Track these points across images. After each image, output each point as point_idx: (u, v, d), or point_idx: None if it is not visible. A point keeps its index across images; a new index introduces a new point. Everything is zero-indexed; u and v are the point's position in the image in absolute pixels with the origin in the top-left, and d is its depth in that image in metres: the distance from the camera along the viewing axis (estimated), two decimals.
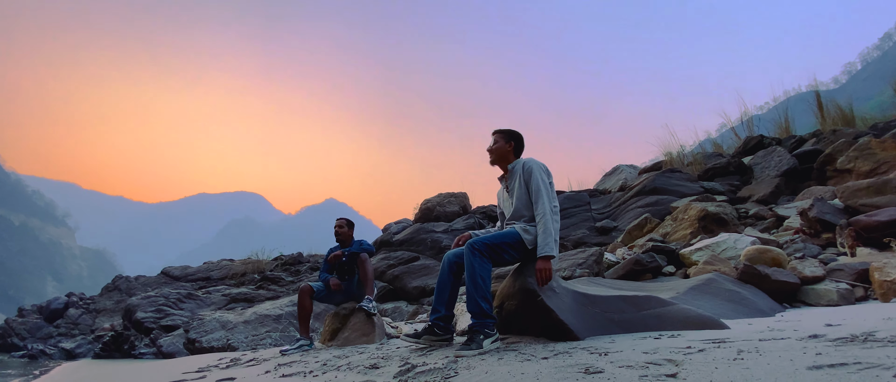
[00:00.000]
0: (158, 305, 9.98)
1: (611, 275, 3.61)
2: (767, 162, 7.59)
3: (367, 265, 3.90)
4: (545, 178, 2.54)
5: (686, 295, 2.58)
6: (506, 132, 2.70)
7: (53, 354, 10.73)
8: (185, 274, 14.55)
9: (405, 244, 8.60)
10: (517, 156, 2.70)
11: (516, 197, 2.57)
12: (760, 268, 2.75)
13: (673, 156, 9.83)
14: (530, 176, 2.53)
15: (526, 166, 2.57)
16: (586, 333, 2.29)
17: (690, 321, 2.14)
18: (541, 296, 2.34)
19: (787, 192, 6.51)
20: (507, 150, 2.66)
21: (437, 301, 2.55)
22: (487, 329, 2.24)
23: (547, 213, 2.45)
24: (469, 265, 2.35)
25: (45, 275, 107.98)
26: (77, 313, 14.83)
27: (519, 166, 2.62)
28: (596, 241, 7.62)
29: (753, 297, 2.58)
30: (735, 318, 2.38)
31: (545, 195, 2.48)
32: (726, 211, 5.24)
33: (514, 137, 2.69)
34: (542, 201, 2.47)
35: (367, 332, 3.63)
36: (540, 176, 2.53)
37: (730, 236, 3.70)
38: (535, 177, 2.52)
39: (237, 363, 3.64)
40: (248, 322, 7.60)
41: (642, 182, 8.20)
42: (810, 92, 10.29)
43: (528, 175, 2.54)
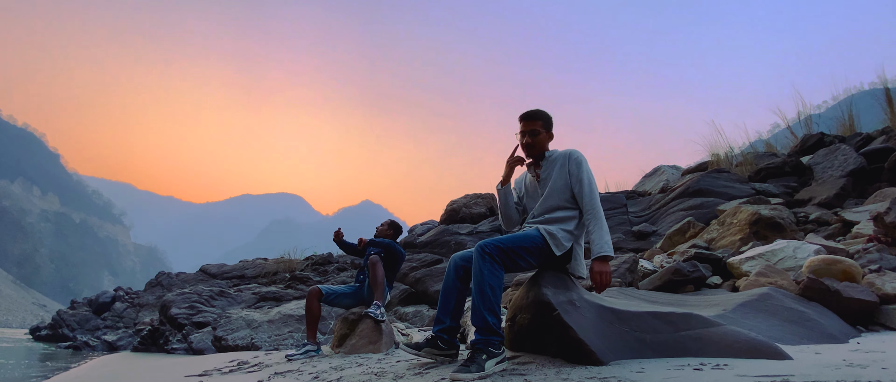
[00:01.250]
0: (192, 302, 10.21)
1: (646, 286, 3.20)
2: (830, 161, 6.81)
3: (376, 268, 3.67)
4: (590, 173, 2.19)
5: (735, 313, 2.16)
6: (543, 117, 2.29)
7: (96, 346, 11.25)
8: (222, 272, 14.98)
9: (429, 246, 8.37)
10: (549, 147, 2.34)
11: (552, 189, 2.21)
12: (829, 283, 2.28)
13: (720, 156, 9.10)
14: (579, 168, 2.17)
15: (573, 156, 2.21)
16: (611, 356, 1.94)
17: (741, 347, 1.75)
18: (557, 311, 2.01)
19: (855, 195, 5.78)
20: (545, 139, 2.29)
21: (442, 310, 2.27)
22: (492, 348, 1.93)
23: (600, 209, 2.12)
24: (477, 271, 2.04)
25: (102, 270, 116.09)
26: (123, 307, 15.58)
27: (558, 154, 2.26)
28: (632, 247, 7.10)
29: (820, 318, 2.13)
30: (797, 344, 1.95)
31: (596, 190, 2.15)
32: (783, 214, 4.65)
33: (551, 123, 2.32)
34: (595, 195, 2.13)
35: (374, 340, 3.39)
36: (588, 170, 2.19)
37: (788, 243, 3.19)
38: (585, 170, 2.17)
39: (242, 367, 3.50)
40: (273, 321, 7.57)
41: (685, 183, 7.59)
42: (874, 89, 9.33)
43: (577, 166, 2.18)
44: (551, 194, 2.22)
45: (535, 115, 2.28)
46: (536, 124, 2.27)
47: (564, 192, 2.20)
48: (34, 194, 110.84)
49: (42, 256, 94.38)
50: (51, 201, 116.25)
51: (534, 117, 2.28)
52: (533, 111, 2.30)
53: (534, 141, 2.25)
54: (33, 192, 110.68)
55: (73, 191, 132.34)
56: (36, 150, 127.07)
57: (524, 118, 2.30)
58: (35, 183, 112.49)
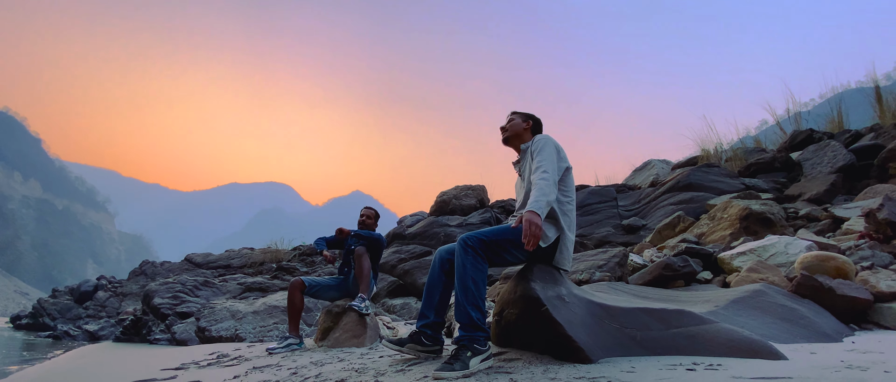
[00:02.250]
0: (175, 292, 10.01)
1: (636, 280, 3.14)
2: (819, 157, 6.83)
3: (362, 260, 3.56)
4: (554, 153, 2.14)
5: (727, 310, 2.10)
6: (523, 113, 2.40)
7: (77, 335, 11.01)
8: (207, 262, 14.74)
9: (418, 237, 8.27)
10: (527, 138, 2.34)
11: (527, 180, 2.19)
12: (822, 280, 2.23)
13: (710, 151, 9.11)
14: (539, 149, 2.15)
15: (535, 140, 2.21)
16: (601, 353, 1.87)
17: (735, 345, 1.68)
18: (546, 306, 1.93)
19: (844, 191, 5.80)
20: (523, 129, 2.33)
21: (426, 305, 2.18)
22: (477, 345, 1.85)
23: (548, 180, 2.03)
24: (460, 264, 1.96)
25: (85, 258, 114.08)
26: (105, 296, 15.28)
27: (531, 144, 2.25)
28: (622, 240, 7.08)
29: (814, 316, 2.08)
30: (791, 342, 1.90)
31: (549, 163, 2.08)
32: (773, 210, 4.63)
33: (533, 119, 2.39)
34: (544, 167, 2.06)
35: (357, 334, 3.30)
36: (548, 149, 2.14)
37: (780, 239, 3.15)
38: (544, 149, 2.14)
39: (221, 360, 3.39)
40: (257, 312, 7.44)
41: (676, 177, 7.57)
42: (863, 88, 9.38)
43: (538, 148, 2.16)
44: (529, 184, 2.18)
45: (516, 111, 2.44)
46: (513, 115, 2.41)
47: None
48: (15, 180, 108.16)
49: (24, 243, 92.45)
50: (33, 187, 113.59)
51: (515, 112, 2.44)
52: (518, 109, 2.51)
53: (508, 125, 2.37)
54: (14, 178, 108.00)
55: (56, 177, 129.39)
56: (17, 135, 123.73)
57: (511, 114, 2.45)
58: (16, 168, 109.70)
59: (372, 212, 4.01)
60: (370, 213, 3.98)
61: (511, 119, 2.38)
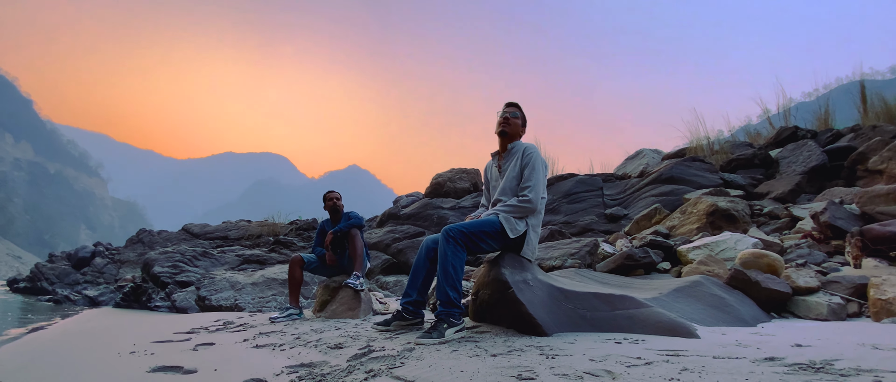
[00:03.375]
0: (175, 261, 10.35)
1: (602, 268, 3.53)
2: (795, 156, 7.18)
3: (356, 241, 3.92)
4: (543, 172, 2.50)
5: (668, 297, 2.48)
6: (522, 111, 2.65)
7: (77, 301, 11.38)
8: (204, 232, 15.06)
9: (412, 218, 8.64)
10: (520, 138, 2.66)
11: (507, 178, 2.53)
12: (751, 274, 2.62)
13: (699, 143, 9.37)
14: (529, 161, 2.47)
15: (527, 151, 2.51)
16: (556, 329, 2.25)
17: (662, 326, 2.06)
18: (512, 289, 2.30)
19: (811, 191, 6.17)
20: (519, 130, 2.62)
21: (410, 285, 2.55)
22: (453, 318, 2.22)
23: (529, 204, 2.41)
24: (442, 252, 2.31)
25: (78, 223, 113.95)
26: (103, 262, 15.63)
27: (520, 148, 2.56)
28: (604, 228, 7.47)
29: (738, 305, 2.47)
30: (714, 325, 2.28)
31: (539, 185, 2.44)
32: (738, 207, 5.01)
33: (526, 123, 2.67)
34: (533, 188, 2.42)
35: (353, 307, 3.68)
36: (540, 168, 2.48)
37: (732, 236, 3.53)
38: (533, 164, 2.46)
39: (228, 326, 3.76)
40: (256, 283, 7.82)
41: (660, 169, 7.92)
42: (852, 84, 9.54)
43: (528, 160, 2.48)
44: (507, 183, 2.53)
45: (517, 104, 2.64)
46: (517, 109, 2.61)
47: (517, 181, 2.50)
48: (6, 142, 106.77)
49: (16, 206, 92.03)
50: (24, 149, 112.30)
51: (516, 105, 2.64)
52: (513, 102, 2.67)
53: (510, 121, 2.58)
54: (5, 139, 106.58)
55: (48, 139, 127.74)
56: (7, 95, 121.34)
57: (509, 103, 2.65)
58: (7, 129, 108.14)
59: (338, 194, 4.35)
60: (339, 196, 4.32)
61: (513, 114, 2.59)
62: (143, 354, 2.59)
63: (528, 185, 2.42)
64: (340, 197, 4.33)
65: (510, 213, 2.40)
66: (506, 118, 2.57)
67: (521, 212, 2.41)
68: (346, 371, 1.63)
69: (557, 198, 8.12)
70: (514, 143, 2.57)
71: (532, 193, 2.41)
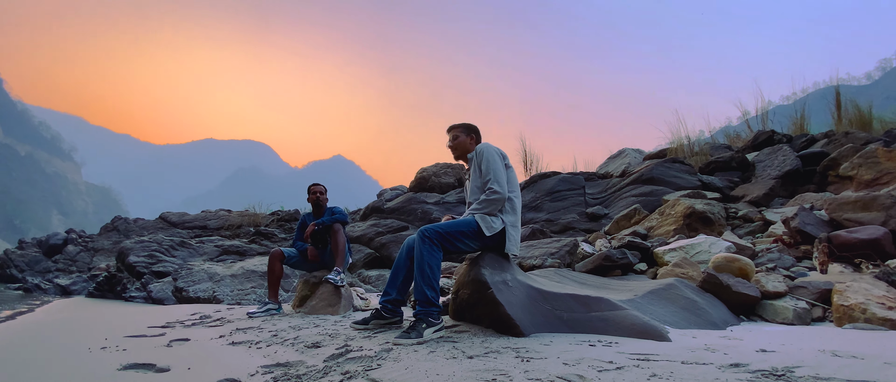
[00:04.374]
0: (151, 250, 10.12)
1: (580, 268, 3.58)
2: (771, 160, 7.38)
3: (339, 236, 3.89)
4: (499, 162, 2.56)
5: (643, 299, 2.54)
6: (464, 126, 2.78)
7: (48, 289, 11.04)
8: (183, 221, 14.74)
9: (396, 212, 8.61)
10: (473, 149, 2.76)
11: (473, 183, 2.62)
12: (723, 278, 2.70)
13: (680, 144, 9.53)
14: (482, 158, 2.56)
15: (478, 151, 2.62)
16: (533, 329, 2.28)
17: (635, 328, 2.11)
18: (491, 289, 2.32)
19: (784, 195, 6.36)
20: (468, 143, 2.73)
21: (390, 284, 2.55)
22: (431, 318, 2.23)
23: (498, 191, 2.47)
24: (418, 252, 2.32)
25: (50, 208, 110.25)
26: (76, 250, 15.18)
27: (474, 154, 2.67)
28: (585, 227, 7.58)
29: (709, 308, 2.55)
30: (685, 328, 2.35)
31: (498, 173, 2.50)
32: (714, 210, 5.14)
33: (474, 130, 2.77)
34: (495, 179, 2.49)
35: (333, 303, 3.66)
36: (494, 160, 2.55)
37: (707, 239, 3.63)
38: (487, 158, 2.54)
39: (205, 321, 3.70)
40: (235, 275, 7.71)
41: (641, 169, 8.06)
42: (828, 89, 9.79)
43: (480, 157, 2.57)
44: (473, 188, 2.61)
45: (453, 127, 2.79)
46: (456, 131, 2.75)
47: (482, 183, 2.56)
48: None
49: None
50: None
51: (452, 128, 2.79)
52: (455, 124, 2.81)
53: (455, 144, 2.73)
54: None
55: (18, 120, 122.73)
56: None
57: (449, 129, 2.80)
58: None
59: (324, 189, 4.30)
60: (323, 190, 4.27)
61: (455, 136, 2.74)
62: (115, 349, 2.54)
63: (488, 178, 2.49)
64: (325, 192, 4.27)
65: (482, 210, 2.47)
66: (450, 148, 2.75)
67: (492, 205, 2.47)
68: (322, 372, 1.62)
69: (540, 196, 8.20)
70: (473, 152, 2.69)
71: (496, 184, 2.48)
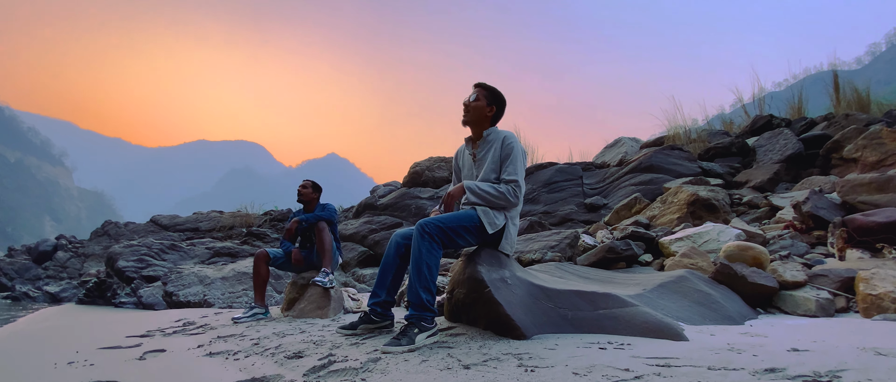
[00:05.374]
0: (140, 255, 9.87)
1: (583, 261, 3.40)
2: (772, 145, 7.22)
3: (324, 235, 3.68)
4: (522, 162, 2.31)
5: (652, 293, 2.36)
6: (490, 91, 2.37)
7: (37, 297, 10.76)
8: (174, 224, 14.45)
9: (390, 208, 8.40)
10: (494, 124, 2.41)
11: (485, 170, 2.30)
12: (737, 268, 2.52)
13: (677, 131, 9.36)
14: (510, 152, 2.26)
15: (507, 141, 2.28)
16: (535, 330, 2.09)
17: (648, 327, 1.92)
18: (489, 288, 2.12)
19: (788, 179, 6.21)
20: (486, 113, 2.35)
21: (379, 284, 2.34)
22: (425, 322, 2.03)
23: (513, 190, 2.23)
24: (416, 249, 2.11)
25: (42, 215, 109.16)
26: (66, 256, 14.86)
27: (498, 137, 2.33)
28: (584, 218, 7.40)
29: (724, 301, 2.36)
30: (701, 324, 2.17)
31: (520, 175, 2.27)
32: (719, 197, 4.97)
33: (498, 101, 2.37)
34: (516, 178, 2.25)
35: (322, 306, 3.46)
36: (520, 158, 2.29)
37: (714, 227, 3.45)
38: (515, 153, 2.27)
39: (187, 328, 3.49)
40: (226, 278, 7.49)
41: (639, 158, 7.88)
42: (825, 73, 9.66)
43: (509, 151, 2.26)
44: (486, 176, 2.31)
45: (482, 85, 2.38)
46: (480, 91, 2.36)
47: (496, 174, 2.30)
48: None
49: None
50: None
51: (481, 86, 2.38)
52: (484, 83, 2.40)
53: (474, 105, 2.34)
54: None
55: (6, 127, 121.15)
56: None
57: (475, 84, 2.40)
58: None
59: (310, 184, 4.05)
60: (307, 185, 4.02)
61: (477, 96, 2.33)
62: (82, 364, 2.33)
63: (512, 173, 2.23)
64: (310, 187, 4.01)
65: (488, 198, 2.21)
66: (465, 105, 2.34)
67: (501, 201, 2.22)
68: None
69: (537, 188, 8.00)
70: (491, 130, 2.35)
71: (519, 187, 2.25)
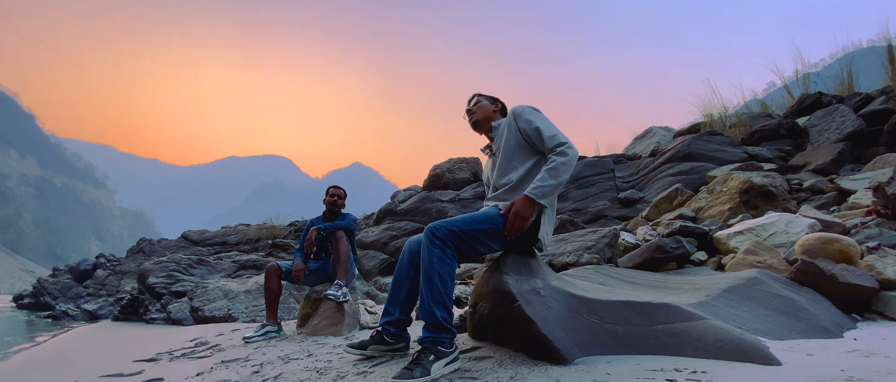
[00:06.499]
0: (169, 271, 9.95)
1: (625, 263, 2.98)
2: (827, 123, 6.52)
3: (340, 245, 3.40)
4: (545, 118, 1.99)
5: (719, 300, 1.94)
6: (487, 96, 2.29)
7: (76, 315, 11.04)
8: (203, 239, 14.67)
9: (410, 213, 8.11)
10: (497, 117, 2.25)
11: (505, 150, 2.03)
12: (824, 265, 2.05)
13: (714, 117, 8.72)
14: (520, 117, 2.00)
15: (515, 111, 2.05)
16: (577, 352, 1.71)
17: (723, 347, 1.52)
18: (519, 302, 1.76)
19: (852, 160, 5.55)
20: (491, 111, 2.21)
21: (391, 300, 2.01)
22: (442, 347, 1.68)
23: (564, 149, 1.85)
24: (426, 259, 1.77)
25: (88, 235, 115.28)
26: (104, 274, 15.31)
27: (506, 119, 2.11)
28: (618, 214, 6.90)
29: (812, 307, 1.91)
30: (787, 338, 1.73)
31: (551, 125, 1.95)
32: (776, 182, 4.41)
33: (499, 101, 2.28)
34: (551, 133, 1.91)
35: (335, 322, 3.17)
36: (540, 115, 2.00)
37: (781, 216, 2.96)
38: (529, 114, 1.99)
39: (196, 350, 3.27)
40: (250, 291, 7.38)
41: (676, 146, 7.30)
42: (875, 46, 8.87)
43: (518, 117, 2.01)
44: (505, 155, 2.03)
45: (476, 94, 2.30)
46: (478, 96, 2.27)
47: (518, 148, 2.00)
48: (12, 157, 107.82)
49: (25, 221, 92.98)
50: (30, 164, 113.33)
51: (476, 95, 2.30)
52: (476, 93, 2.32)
53: (476, 107, 2.22)
54: (11, 156, 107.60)
55: (52, 153, 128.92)
56: (10, 111, 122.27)
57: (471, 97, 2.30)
58: (11, 145, 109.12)
59: (344, 193, 3.81)
60: (343, 194, 3.78)
61: (477, 100, 2.24)
62: None
63: (553, 134, 1.89)
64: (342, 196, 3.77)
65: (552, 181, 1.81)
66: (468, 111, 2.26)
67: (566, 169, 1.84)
68: None
69: (565, 184, 7.55)
70: (499, 121, 2.17)
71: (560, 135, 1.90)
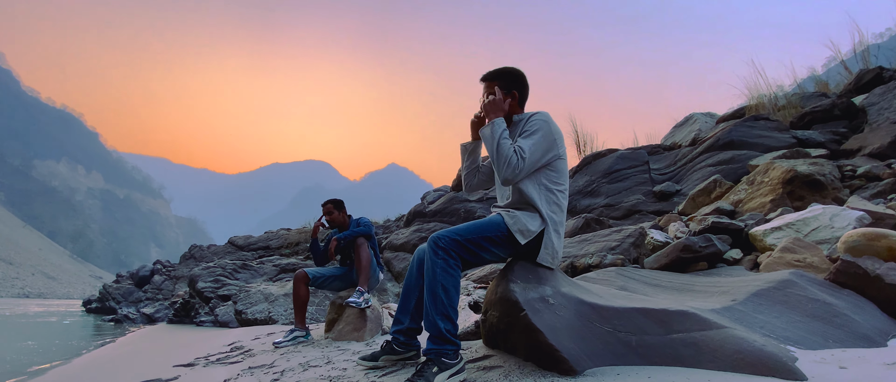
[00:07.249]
0: (216, 275, 10.48)
1: (651, 264, 2.84)
2: (888, 101, 5.93)
3: (361, 251, 3.46)
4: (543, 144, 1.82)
5: (747, 306, 1.80)
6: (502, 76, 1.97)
7: (136, 319, 11.88)
8: (248, 244, 15.36)
9: (438, 215, 8.13)
10: (522, 107, 2.01)
11: None
12: (868, 265, 1.86)
13: (761, 99, 8.07)
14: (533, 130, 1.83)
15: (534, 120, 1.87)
16: (588, 363, 1.64)
17: (743, 359, 1.41)
18: (525, 311, 1.72)
19: None
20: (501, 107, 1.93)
21: (401, 309, 2.02)
22: (446, 359, 1.67)
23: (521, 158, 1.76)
24: (429, 269, 1.76)
25: (148, 242, 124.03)
26: (161, 279, 16.35)
27: (523, 117, 1.93)
28: (654, 209, 6.60)
29: (852, 312, 1.74)
30: (821, 348, 1.59)
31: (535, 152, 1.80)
32: (824, 170, 4.06)
33: (514, 82, 1.97)
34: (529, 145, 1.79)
35: (358, 327, 3.22)
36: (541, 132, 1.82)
37: (824, 210, 2.72)
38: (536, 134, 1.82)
39: (231, 355, 3.43)
40: (288, 294, 7.66)
41: (716, 133, 6.87)
42: None
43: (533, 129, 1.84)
44: None
45: (491, 76, 1.98)
46: (489, 85, 1.97)
47: None
48: (79, 173, 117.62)
49: (93, 231, 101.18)
50: (95, 179, 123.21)
51: (490, 78, 1.98)
52: (491, 72, 2.00)
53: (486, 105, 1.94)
54: (78, 171, 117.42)
55: (114, 167, 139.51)
56: (76, 130, 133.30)
57: (482, 79, 2.00)
58: (79, 162, 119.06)
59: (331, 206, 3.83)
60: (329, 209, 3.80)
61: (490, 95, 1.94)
62: None
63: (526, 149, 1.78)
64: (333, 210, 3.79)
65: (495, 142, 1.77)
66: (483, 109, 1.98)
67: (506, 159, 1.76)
68: None
69: (596, 179, 7.30)
70: (520, 115, 1.97)
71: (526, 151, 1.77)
